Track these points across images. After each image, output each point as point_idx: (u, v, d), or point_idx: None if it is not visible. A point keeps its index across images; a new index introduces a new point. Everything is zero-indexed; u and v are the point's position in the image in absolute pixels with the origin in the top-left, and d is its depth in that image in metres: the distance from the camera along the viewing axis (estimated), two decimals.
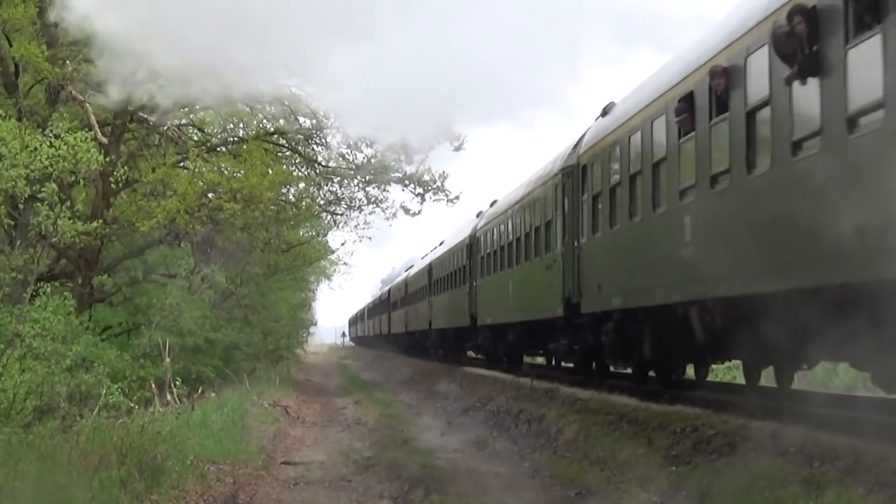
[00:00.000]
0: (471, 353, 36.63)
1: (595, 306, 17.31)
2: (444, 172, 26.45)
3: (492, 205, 29.71)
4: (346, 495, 11.14)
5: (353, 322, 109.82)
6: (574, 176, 18.87)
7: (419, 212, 27.25)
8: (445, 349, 38.22)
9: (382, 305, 65.03)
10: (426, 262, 43.76)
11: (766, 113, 10.72)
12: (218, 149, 24.01)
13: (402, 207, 27.15)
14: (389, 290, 60.46)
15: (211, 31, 11.13)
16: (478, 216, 31.67)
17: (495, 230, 27.18)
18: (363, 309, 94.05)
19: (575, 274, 18.39)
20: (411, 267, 53.20)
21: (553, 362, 27.36)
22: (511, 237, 24.87)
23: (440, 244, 42.08)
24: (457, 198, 27.18)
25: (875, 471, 8.07)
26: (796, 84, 9.84)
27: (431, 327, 39.69)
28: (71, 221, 13.38)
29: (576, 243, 18.44)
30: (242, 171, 23.06)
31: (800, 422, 10.13)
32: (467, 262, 31.24)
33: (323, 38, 11.82)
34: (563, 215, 19.48)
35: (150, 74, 13.58)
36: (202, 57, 11.68)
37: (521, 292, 23.36)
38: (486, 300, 27.77)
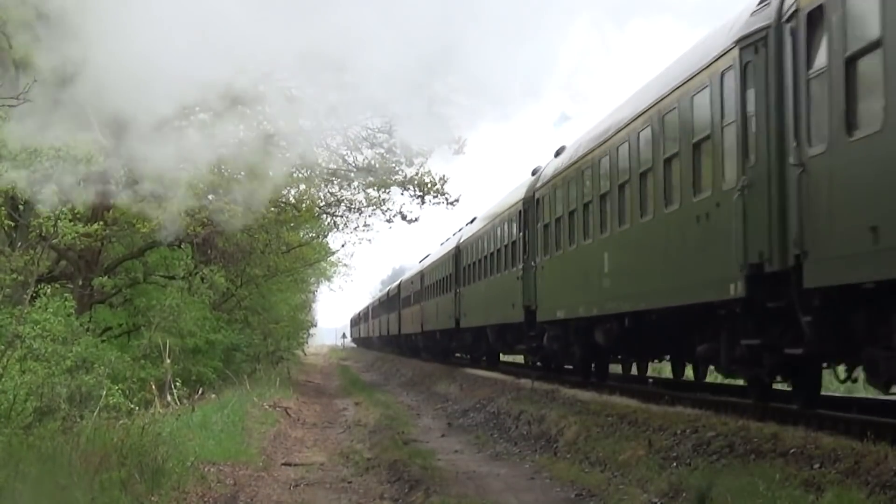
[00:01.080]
0: (512, 357, 31.33)
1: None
2: (443, 175, 26.42)
3: (558, 154, 22.37)
4: (346, 496, 11.14)
5: (356, 322, 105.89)
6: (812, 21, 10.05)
7: (417, 219, 27.21)
8: (480, 353, 32.36)
9: (391, 302, 58.62)
10: (451, 244, 36.66)
11: None
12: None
13: (400, 213, 27.11)
14: (400, 285, 54.18)
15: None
16: (534, 174, 24.46)
17: (573, 182, 19.30)
18: (367, 307, 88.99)
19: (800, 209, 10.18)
20: (427, 256, 46.66)
21: (633, 371, 20.90)
22: (608, 185, 16.82)
23: (470, 221, 34.75)
24: (456, 200, 27.16)
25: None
26: None
27: (460, 326, 32.78)
28: (71, 223, 13.40)
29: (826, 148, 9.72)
30: (243, 173, 23.05)
31: None
32: (519, 236, 24.24)
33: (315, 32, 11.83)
34: (768, 106, 10.97)
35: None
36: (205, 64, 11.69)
37: (634, 265, 15.51)
38: (555, 284, 20.62)
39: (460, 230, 36.54)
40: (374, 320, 76.03)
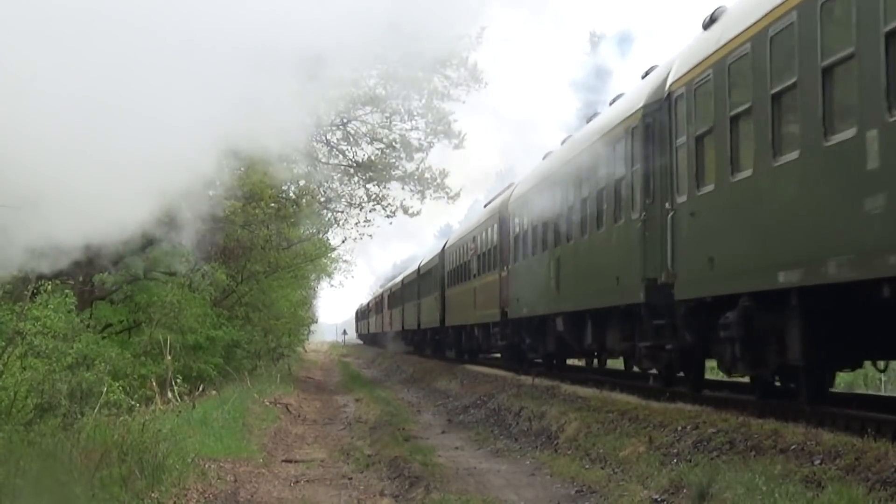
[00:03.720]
0: None
1: None
2: (444, 170, 26.39)
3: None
4: (346, 493, 11.15)
5: (363, 315, 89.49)
6: None
7: (419, 212, 27.21)
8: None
9: (423, 282, 42.30)
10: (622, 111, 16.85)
11: None
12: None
13: (402, 206, 27.09)
14: (443, 252, 37.55)
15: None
16: None
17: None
18: (380, 295, 69.32)
19: None
20: (510, 186, 28.00)
21: None
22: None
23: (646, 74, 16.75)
24: (457, 195, 27.15)
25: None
26: None
27: (675, 297, 13.71)
28: None
29: None
30: (243, 168, 23.04)
31: None
32: None
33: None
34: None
35: None
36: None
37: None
38: None
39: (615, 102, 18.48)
40: (391, 310, 57.19)
